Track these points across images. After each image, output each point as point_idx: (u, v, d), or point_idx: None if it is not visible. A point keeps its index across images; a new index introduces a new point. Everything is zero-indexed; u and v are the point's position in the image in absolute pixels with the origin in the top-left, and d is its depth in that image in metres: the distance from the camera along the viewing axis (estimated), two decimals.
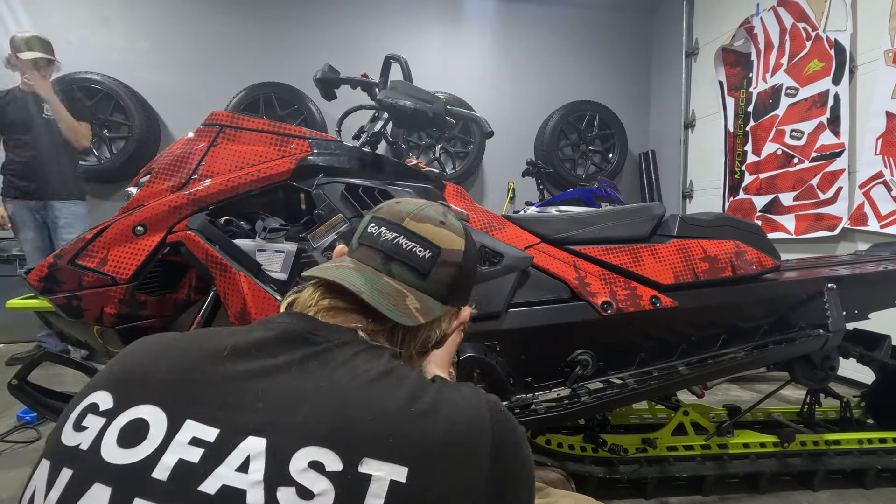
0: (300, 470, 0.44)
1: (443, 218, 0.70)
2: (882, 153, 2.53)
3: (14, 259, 3.48)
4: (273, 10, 4.34)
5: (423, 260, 0.66)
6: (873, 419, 1.84)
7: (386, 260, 0.66)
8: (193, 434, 0.45)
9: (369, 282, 0.63)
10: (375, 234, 0.68)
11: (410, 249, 0.66)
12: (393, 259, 0.66)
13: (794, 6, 3.11)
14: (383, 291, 0.62)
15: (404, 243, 0.66)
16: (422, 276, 0.66)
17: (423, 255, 0.66)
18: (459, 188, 1.45)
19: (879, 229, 2.54)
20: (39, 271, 1.15)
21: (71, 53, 3.97)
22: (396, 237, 0.66)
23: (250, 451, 0.44)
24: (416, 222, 0.68)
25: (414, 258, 0.66)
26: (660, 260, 1.42)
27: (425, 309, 0.65)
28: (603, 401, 1.38)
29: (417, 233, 0.67)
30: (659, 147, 4.78)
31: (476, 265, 0.75)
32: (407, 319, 0.61)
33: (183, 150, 1.22)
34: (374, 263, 0.66)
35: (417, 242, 0.66)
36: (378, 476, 0.44)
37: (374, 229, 0.68)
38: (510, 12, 4.69)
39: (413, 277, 0.66)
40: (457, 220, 0.73)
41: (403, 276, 0.65)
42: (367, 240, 0.68)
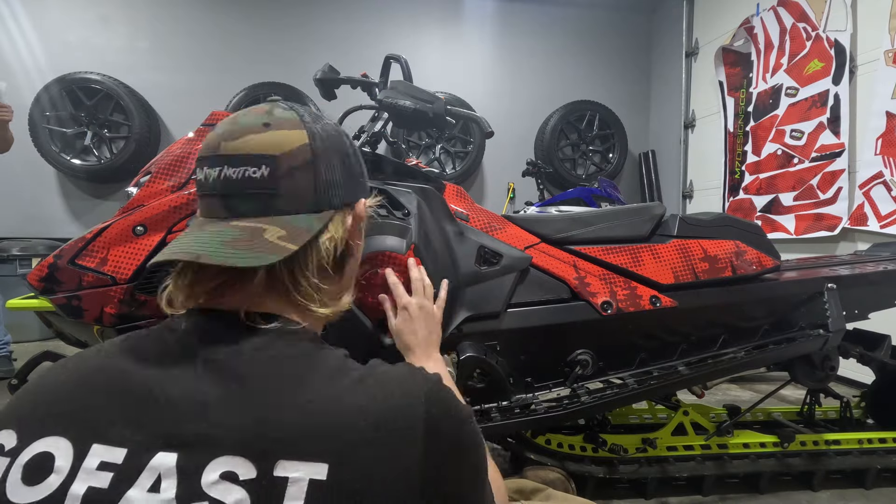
0: (212, 483, 0.41)
1: (265, 118, 0.56)
2: (882, 153, 2.53)
3: (14, 259, 3.48)
4: (273, 10, 4.34)
5: (262, 179, 0.54)
6: (873, 419, 1.84)
7: (224, 202, 0.54)
8: (101, 458, 0.43)
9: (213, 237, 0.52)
10: (202, 178, 0.56)
11: (241, 176, 0.54)
12: (229, 196, 0.54)
13: (794, 6, 3.11)
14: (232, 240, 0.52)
15: (231, 173, 0.54)
16: (270, 196, 0.54)
17: (258, 174, 0.54)
18: (459, 188, 1.45)
19: (879, 229, 2.54)
20: (39, 271, 1.15)
21: (71, 53, 3.98)
22: (221, 170, 0.54)
23: (161, 469, 0.42)
24: (232, 142, 0.55)
25: (250, 183, 0.54)
26: (660, 260, 1.42)
27: (294, 232, 0.54)
28: (603, 401, 1.38)
29: (240, 153, 0.54)
30: (659, 147, 4.78)
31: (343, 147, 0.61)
32: (272, 256, 0.51)
33: (183, 150, 1.22)
34: (215, 212, 0.55)
35: (245, 163, 0.54)
36: (295, 478, 0.42)
37: (200, 173, 0.56)
38: (510, 12, 4.69)
39: (262, 204, 0.54)
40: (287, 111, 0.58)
41: (251, 208, 0.54)
42: (199, 189, 0.57)
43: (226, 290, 0.54)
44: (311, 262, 0.55)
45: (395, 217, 1.19)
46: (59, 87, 3.78)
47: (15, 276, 3.41)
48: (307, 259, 0.55)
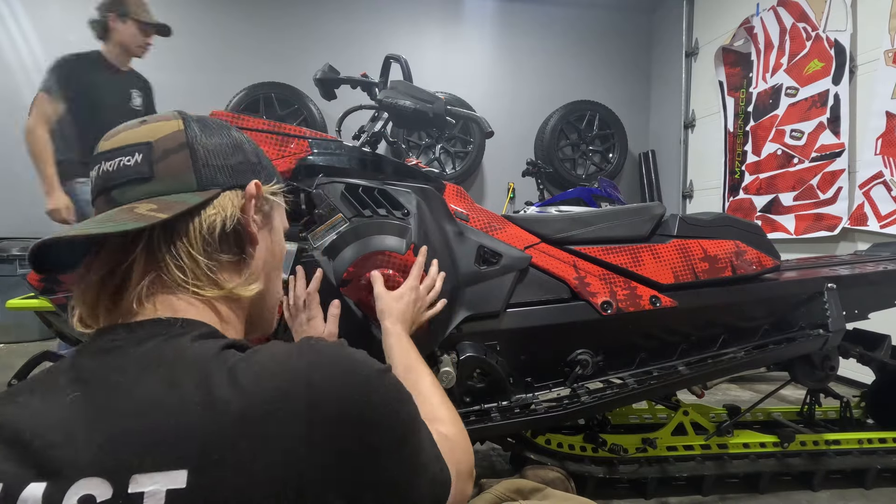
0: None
1: (143, 119, 0.57)
2: (882, 153, 2.53)
3: (14, 259, 3.48)
4: (273, 9, 4.34)
5: (137, 165, 0.53)
6: (873, 419, 1.84)
7: (106, 195, 0.54)
8: None
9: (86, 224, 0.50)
10: (91, 183, 0.56)
11: (117, 167, 0.53)
12: (109, 189, 0.53)
13: (794, 6, 3.11)
14: (101, 220, 0.51)
15: (108, 167, 0.54)
16: (146, 180, 0.53)
17: (132, 161, 0.53)
18: (459, 188, 1.45)
19: (879, 229, 2.54)
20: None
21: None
22: (99, 167, 0.54)
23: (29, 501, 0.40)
24: (109, 140, 0.55)
25: (125, 171, 0.53)
26: (660, 260, 1.42)
27: (166, 205, 0.51)
28: (603, 401, 1.38)
29: (116, 147, 0.54)
30: (659, 147, 4.78)
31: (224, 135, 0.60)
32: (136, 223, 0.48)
33: None
34: (102, 207, 0.54)
35: (119, 154, 0.54)
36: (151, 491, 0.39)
37: (90, 182, 0.57)
38: (510, 12, 4.69)
39: (140, 189, 0.53)
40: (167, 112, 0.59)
41: (129, 195, 0.53)
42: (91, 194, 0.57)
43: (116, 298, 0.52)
44: (194, 235, 0.53)
45: (395, 217, 1.19)
46: None
47: (15, 276, 3.41)
48: (189, 230, 0.52)
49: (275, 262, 0.66)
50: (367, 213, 1.18)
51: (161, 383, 0.44)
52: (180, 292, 0.52)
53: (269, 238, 0.63)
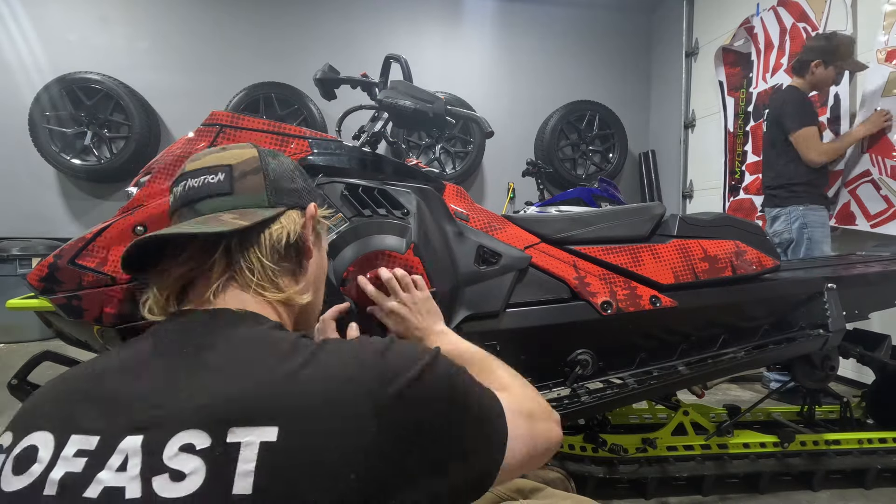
0: (172, 455, 0.44)
1: (223, 146, 0.68)
2: (870, 151, 2.53)
3: (14, 259, 3.48)
4: (273, 9, 4.34)
5: (220, 182, 0.63)
6: (873, 419, 1.85)
7: (190, 207, 0.62)
8: (77, 447, 0.46)
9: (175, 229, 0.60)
10: (172, 200, 0.65)
11: (202, 183, 0.63)
12: (194, 201, 0.62)
13: (794, 6, 3.11)
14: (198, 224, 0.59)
15: (194, 183, 0.63)
16: (227, 195, 0.62)
17: (216, 179, 0.63)
18: (459, 188, 1.45)
19: (870, 228, 2.54)
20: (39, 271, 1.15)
21: (71, 53, 3.98)
22: (185, 183, 0.63)
23: (128, 451, 0.45)
24: (194, 161, 0.65)
25: (210, 187, 0.62)
26: (660, 260, 1.42)
27: (246, 214, 0.61)
28: (603, 401, 1.38)
29: (200, 167, 0.64)
30: (659, 147, 4.78)
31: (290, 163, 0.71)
32: (220, 227, 0.58)
33: (183, 150, 1.22)
34: (186, 215, 0.63)
35: (205, 174, 0.63)
36: (247, 441, 0.44)
37: (170, 197, 0.66)
38: (510, 12, 4.69)
39: (221, 202, 0.62)
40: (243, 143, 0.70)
41: (211, 206, 0.62)
42: (171, 210, 0.66)
43: (191, 289, 0.61)
44: (265, 244, 0.62)
45: (395, 216, 1.19)
46: (59, 87, 3.78)
47: (15, 276, 3.41)
48: (260, 239, 0.62)
49: (321, 277, 0.75)
50: (366, 212, 1.18)
51: (249, 358, 0.51)
52: (249, 291, 0.61)
53: (319, 255, 0.72)
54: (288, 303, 0.64)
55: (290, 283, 0.65)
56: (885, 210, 2.48)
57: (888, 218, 2.47)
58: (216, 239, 0.59)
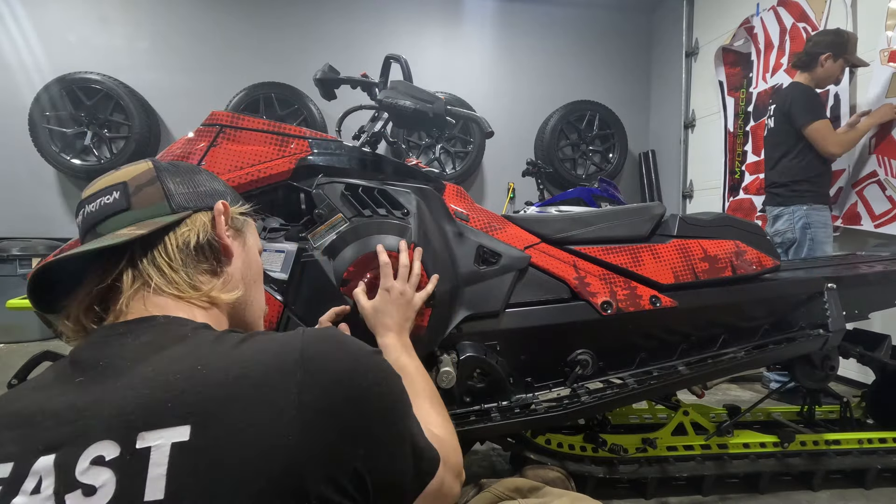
0: (83, 470, 0.43)
1: (115, 168, 0.66)
2: (877, 152, 2.53)
3: (14, 259, 3.48)
4: (273, 9, 4.34)
5: (116, 200, 0.61)
6: (873, 419, 1.84)
7: (92, 231, 0.61)
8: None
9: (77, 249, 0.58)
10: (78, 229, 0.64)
11: (99, 205, 0.61)
12: (95, 225, 0.61)
13: (794, 6, 3.11)
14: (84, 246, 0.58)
15: (91, 207, 0.62)
16: (125, 211, 0.60)
17: (111, 198, 0.61)
18: (459, 188, 1.45)
19: (874, 229, 2.54)
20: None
21: (71, 53, 3.98)
22: (83, 209, 0.62)
23: (41, 471, 0.44)
24: (89, 188, 0.64)
25: (106, 208, 0.61)
26: (660, 260, 1.42)
27: (144, 225, 0.59)
28: (603, 401, 1.38)
29: (95, 191, 0.62)
30: (659, 147, 4.78)
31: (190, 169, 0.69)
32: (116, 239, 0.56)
33: (183, 150, 1.22)
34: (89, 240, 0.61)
35: (100, 196, 0.62)
36: (157, 444, 0.43)
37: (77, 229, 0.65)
38: (510, 12, 4.69)
39: (120, 219, 0.60)
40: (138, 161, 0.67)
41: (111, 226, 0.60)
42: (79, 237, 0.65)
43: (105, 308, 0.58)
44: (171, 247, 0.60)
45: (395, 217, 1.19)
46: (59, 87, 3.78)
47: (15, 276, 3.41)
48: (165, 244, 0.60)
49: (252, 274, 0.72)
50: (366, 212, 1.18)
51: (165, 359, 0.49)
52: (166, 296, 0.58)
53: (243, 251, 0.70)
54: (214, 302, 0.62)
55: (211, 280, 0.63)
56: (889, 210, 2.48)
57: (892, 218, 2.47)
58: (119, 253, 0.58)
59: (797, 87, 2.51)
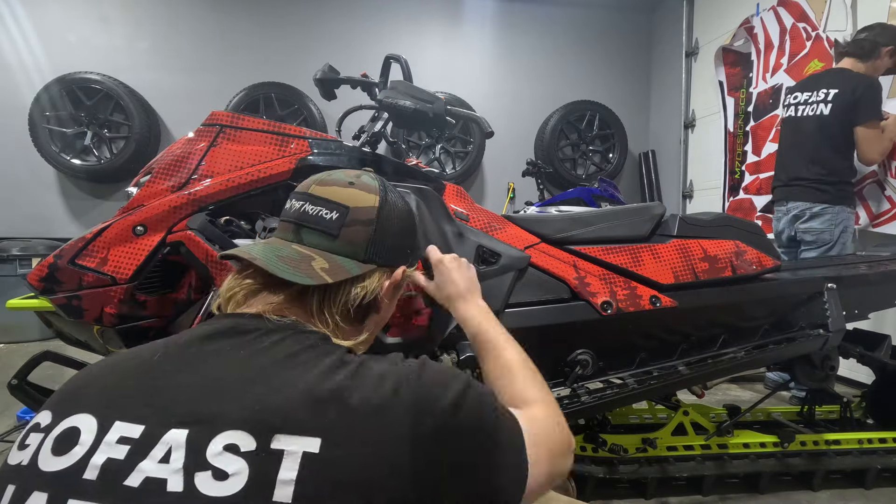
0: (216, 454, 0.45)
1: (352, 179, 0.69)
2: None
3: (14, 259, 3.48)
4: (273, 9, 4.34)
5: (331, 221, 0.65)
6: (873, 419, 1.85)
7: (296, 229, 0.66)
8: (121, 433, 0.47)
9: (272, 251, 0.63)
10: (287, 206, 0.68)
11: (316, 213, 0.65)
12: (301, 226, 0.66)
13: (794, 6, 3.11)
14: (285, 257, 0.62)
15: (310, 209, 0.66)
16: (331, 237, 0.65)
17: (329, 216, 0.65)
18: (459, 188, 1.45)
19: (872, 228, 2.54)
20: (39, 271, 1.15)
21: (71, 53, 3.98)
22: (303, 205, 0.66)
23: (172, 443, 0.46)
24: (321, 186, 0.68)
25: (321, 221, 0.65)
26: (660, 260, 1.42)
27: (335, 269, 0.63)
28: (603, 401, 1.38)
29: (322, 196, 0.66)
30: (659, 147, 4.78)
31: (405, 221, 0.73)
32: (306, 279, 0.60)
33: (183, 149, 1.22)
34: (286, 235, 0.67)
35: (323, 206, 0.66)
36: (291, 451, 0.45)
37: (288, 204, 0.69)
38: (510, 12, 4.69)
39: (323, 241, 0.65)
40: (373, 180, 0.72)
41: (313, 241, 0.65)
42: (282, 215, 0.69)
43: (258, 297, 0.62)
44: (339, 300, 0.64)
45: None
46: (59, 87, 3.78)
47: (15, 276, 3.41)
48: (337, 295, 0.64)
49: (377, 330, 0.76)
50: None
51: (298, 368, 0.53)
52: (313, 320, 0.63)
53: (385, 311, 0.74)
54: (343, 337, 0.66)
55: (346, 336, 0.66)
56: (887, 210, 2.48)
57: (890, 218, 2.47)
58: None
59: (864, 78, 2.25)
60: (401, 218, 0.73)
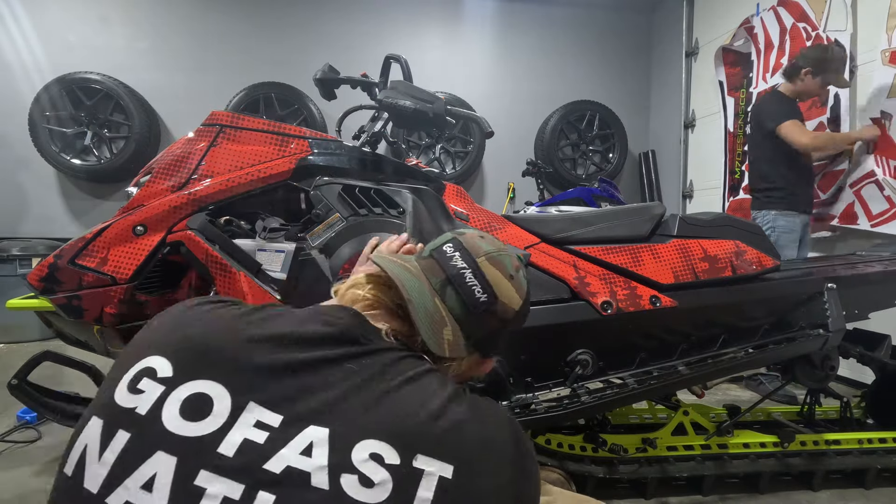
0: (362, 460, 0.47)
1: (514, 272, 0.72)
2: (875, 153, 2.53)
3: (14, 259, 3.48)
4: (273, 9, 4.34)
5: (478, 302, 0.67)
6: (873, 419, 1.84)
7: (445, 283, 0.68)
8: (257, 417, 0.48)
9: (421, 295, 0.65)
10: (449, 254, 0.70)
11: (471, 286, 0.67)
12: (452, 285, 0.68)
13: (794, 6, 3.11)
14: (428, 310, 0.65)
15: (469, 277, 0.68)
16: (469, 314, 0.67)
17: (480, 297, 0.67)
18: (459, 188, 1.45)
19: (871, 228, 2.54)
20: (39, 271, 1.15)
21: (71, 53, 3.98)
22: (465, 269, 0.68)
23: (313, 438, 0.47)
24: (489, 264, 0.69)
25: (471, 296, 0.67)
26: (660, 260, 1.42)
27: (455, 345, 0.66)
28: (603, 401, 1.38)
29: (485, 274, 0.68)
30: (659, 147, 4.78)
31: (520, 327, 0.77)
32: (436, 347, 0.63)
33: (183, 149, 1.22)
34: (434, 280, 0.68)
35: (480, 283, 0.68)
36: (430, 472, 0.48)
37: (450, 250, 0.70)
38: (510, 12, 4.69)
39: (460, 311, 0.67)
40: (525, 280, 0.75)
41: (453, 305, 0.67)
42: (438, 255, 0.70)
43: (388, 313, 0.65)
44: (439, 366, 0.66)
45: (390, 215, 1.19)
46: (59, 87, 3.78)
47: (15, 276, 3.41)
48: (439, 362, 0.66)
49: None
50: (363, 212, 1.19)
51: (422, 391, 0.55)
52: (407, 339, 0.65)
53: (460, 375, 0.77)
54: None
55: None
56: (886, 210, 2.48)
57: (889, 218, 2.47)
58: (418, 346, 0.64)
59: (773, 94, 2.61)
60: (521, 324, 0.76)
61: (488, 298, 0.68)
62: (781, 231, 2.49)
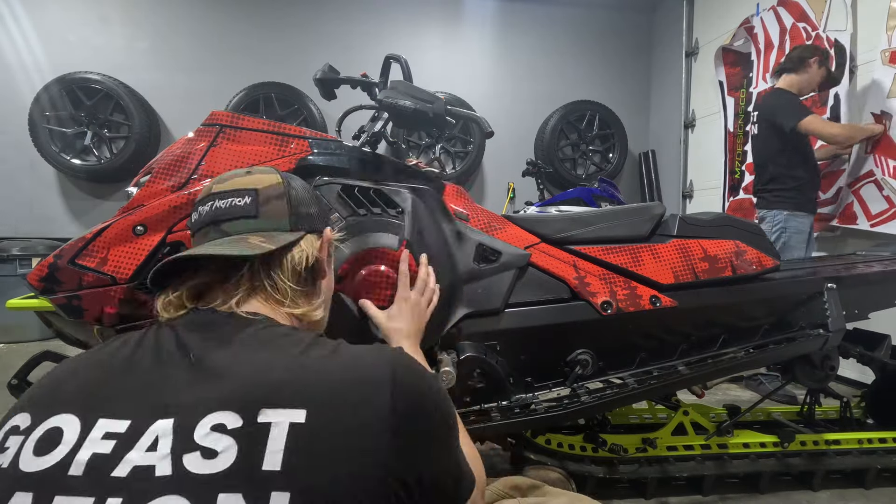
0: (203, 435, 0.47)
1: (248, 169, 0.73)
2: (875, 152, 2.53)
3: (14, 259, 3.48)
4: (273, 10, 4.34)
5: (246, 205, 0.68)
6: (873, 419, 1.84)
7: (215, 227, 0.67)
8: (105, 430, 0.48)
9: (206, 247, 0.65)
10: (195, 216, 0.70)
11: (229, 205, 0.68)
12: (220, 221, 0.67)
13: (794, 6, 3.11)
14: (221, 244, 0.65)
15: (221, 204, 0.68)
16: (252, 218, 0.68)
17: (242, 202, 0.68)
18: (459, 188, 1.45)
19: (870, 228, 2.54)
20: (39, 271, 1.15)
21: (71, 53, 3.98)
22: (212, 204, 0.68)
23: (159, 432, 0.47)
24: (221, 184, 0.70)
25: (236, 209, 0.67)
26: (660, 260, 1.42)
27: (271, 239, 0.66)
28: (603, 401, 1.38)
29: (227, 189, 0.69)
30: (659, 147, 4.78)
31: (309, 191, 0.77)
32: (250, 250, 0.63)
33: (183, 149, 1.22)
34: (209, 237, 0.68)
35: (232, 196, 0.68)
36: (277, 422, 0.47)
37: (194, 215, 0.70)
38: (510, 12, 4.69)
39: (246, 224, 0.67)
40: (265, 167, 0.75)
41: (237, 228, 0.67)
42: (192, 226, 0.70)
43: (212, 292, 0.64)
44: (286, 266, 0.67)
45: (389, 215, 1.19)
46: (59, 87, 3.78)
47: (15, 276, 3.41)
48: (282, 262, 0.67)
49: (331, 294, 0.80)
50: (361, 212, 1.19)
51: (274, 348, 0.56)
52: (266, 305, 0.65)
53: (330, 274, 0.79)
54: (301, 318, 0.69)
55: (305, 302, 0.70)
56: (885, 210, 2.48)
57: (888, 218, 2.47)
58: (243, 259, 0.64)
59: (780, 93, 2.57)
60: (305, 188, 0.76)
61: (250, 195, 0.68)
62: (793, 232, 2.47)
